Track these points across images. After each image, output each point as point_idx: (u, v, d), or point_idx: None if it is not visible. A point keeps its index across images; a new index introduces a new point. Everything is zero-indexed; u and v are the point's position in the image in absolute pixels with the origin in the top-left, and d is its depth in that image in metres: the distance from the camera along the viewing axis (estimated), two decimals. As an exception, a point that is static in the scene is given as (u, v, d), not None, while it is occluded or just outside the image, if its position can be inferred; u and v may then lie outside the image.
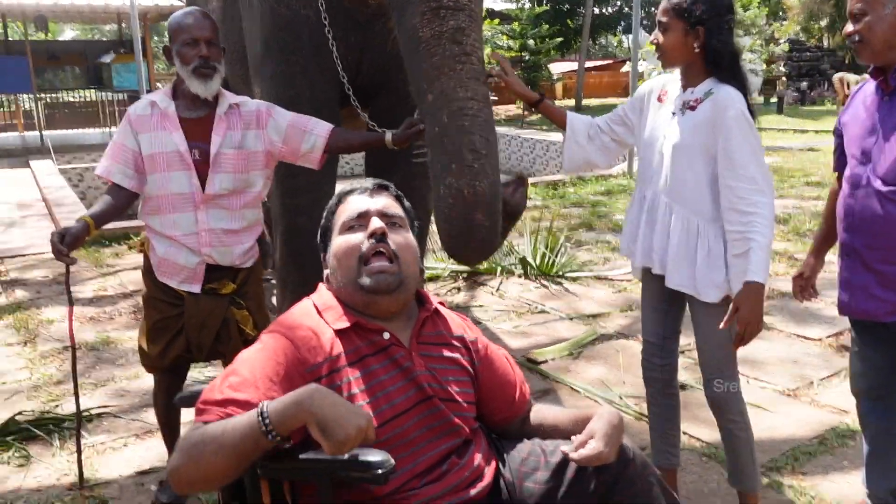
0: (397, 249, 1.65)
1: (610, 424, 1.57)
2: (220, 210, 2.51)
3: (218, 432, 1.35)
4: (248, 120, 2.55)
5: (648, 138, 2.35)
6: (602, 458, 1.52)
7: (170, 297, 2.56)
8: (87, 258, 6.20)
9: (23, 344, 4.27)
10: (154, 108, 2.49)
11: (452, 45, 2.20)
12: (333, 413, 1.32)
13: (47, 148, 13.29)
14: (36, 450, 3.09)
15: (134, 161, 2.47)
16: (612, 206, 7.96)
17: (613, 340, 4.12)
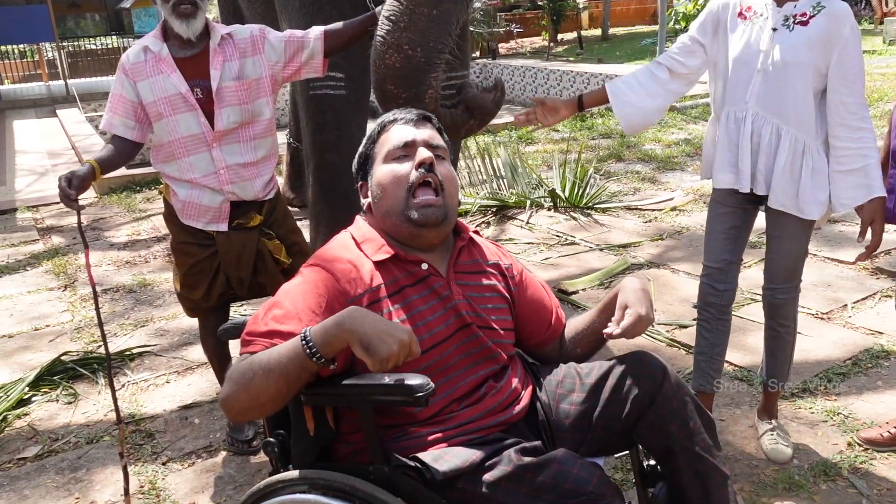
0: (443, 180, 1.65)
1: (636, 290, 1.61)
2: (233, 145, 2.48)
3: (265, 359, 1.38)
4: (243, 48, 2.49)
5: (741, 56, 2.23)
6: (643, 320, 1.56)
7: (199, 239, 2.56)
8: (119, 204, 6.29)
9: (62, 288, 4.38)
10: (147, 53, 2.43)
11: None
12: (375, 330, 1.34)
13: (73, 96, 13.35)
14: (82, 388, 3.19)
15: (134, 111, 2.43)
16: (642, 136, 7.83)
17: (644, 270, 4.11)
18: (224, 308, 2.71)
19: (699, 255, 4.20)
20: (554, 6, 19.41)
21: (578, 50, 19.62)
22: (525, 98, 16.16)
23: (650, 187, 5.85)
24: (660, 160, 6.67)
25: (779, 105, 2.19)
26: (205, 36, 2.46)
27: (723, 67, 2.31)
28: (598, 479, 1.37)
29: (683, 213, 5.10)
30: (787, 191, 2.23)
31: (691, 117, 8.76)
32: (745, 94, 2.24)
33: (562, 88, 14.94)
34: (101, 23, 16.40)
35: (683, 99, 9.81)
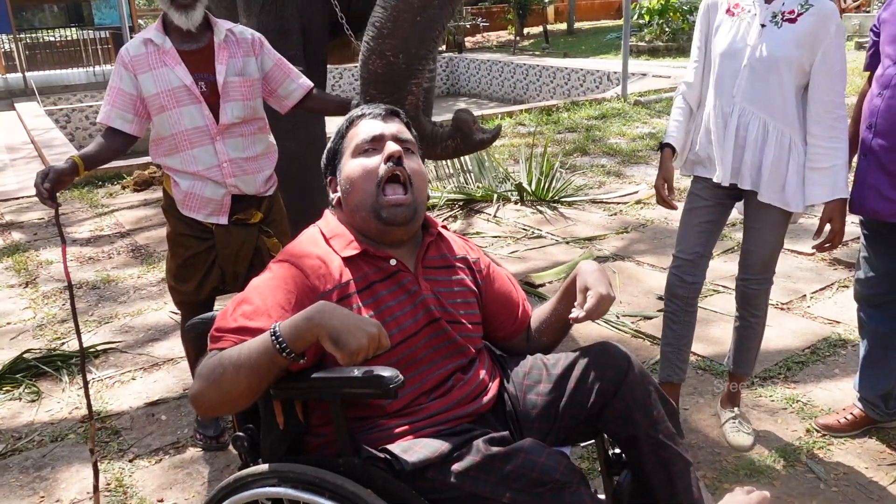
0: (412, 174, 1.66)
1: (594, 271, 1.66)
2: (236, 139, 2.49)
3: (235, 356, 1.39)
4: (245, 47, 2.51)
5: (728, 51, 2.26)
6: (605, 299, 1.60)
7: (197, 232, 2.54)
8: (81, 199, 6.19)
9: (24, 285, 4.30)
10: (149, 45, 2.41)
11: None
12: (344, 324, 1.35)
13: (31, 89, 13.06)
14: (46, 386, 3.15)
15: (133, 105, 2.41)
16: (607, 130, 7.91)
17: (609, 262, 4.16)
18: (210, 303, 2.70)
19: (663, 248, 4.29)
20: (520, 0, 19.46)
21: (544, 44, 19.72)
22: (492, 91, 16.20)
23: (615, 181, 5.91)
24: (624, 154, 6.75)
25: (766, 100, 2.22)
26: (206, 29, 2.46)
27: (710, 62, 2.34)
28: (564, 468, 1.40)
29: (648, 206, 5.17)
30: (774, 185, 2.26)
31: (655, 111, 8.87)
32: (732, 88, 2.26)
33: (528, 82, 15.01)
34: (59, 14, 16.03)
35: (647, 93, 9.93)
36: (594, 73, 13.00)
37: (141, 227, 5.35)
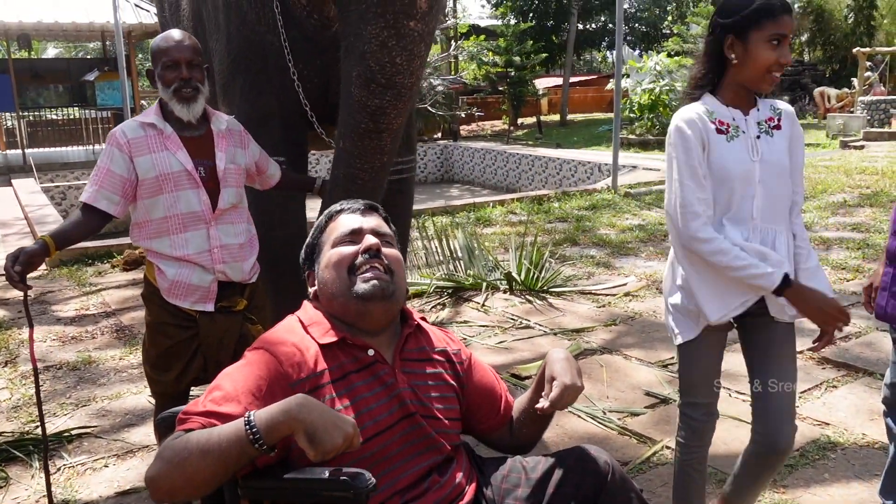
0: (391, 263, 1.68)
1: (561, 360, 1.66)
2: (227, 225, 2.54)
3: (203, 440, 1.35)
4: (237, 138, 2.62)
5: (741, 174, 2.03)
6: (570, 389, 1.59)
7: (180, 321, 2.51)
8: (69, 277, 6.16)
9: (2, 364, 4.23)
10: (147, 129, 2.45)
11: (369, 120, 2.40)
12: (322, 421, 1.33)
13: (30, 166, 13.22)
14: (15, 471, 3.05)
15: (122, 187, 2.41)
16: (597, 220, 8.00)
17: (597, 356, 4.13)
18: (186, 394, 2.64)
19: (651, 342, 4.27)
20: (514, 92, 20.02)
21: (538, 134, 20.19)
22: (485, 179, 16.45)
23: (604, 272, 5.94)
24: (614, 245, 6.80)
25: (776, 212, 2.08)
26: (202, 118, 2.53)
27: (711, 186, 2.06)
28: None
29: (636, 298, 5.17)
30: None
31: (645, 203, 8.99)
32: (752, 210, 2.06)
33: (520, 171, 15.27)
34: (63, 94, 16.35)
35: (637, 185, 10.10)
36: (585, 164, 13.25)
37: (127, 307, 5.31)
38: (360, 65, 2.36)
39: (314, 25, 3.05)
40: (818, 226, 7.40)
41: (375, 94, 2.36)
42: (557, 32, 25.67)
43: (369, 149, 2.45)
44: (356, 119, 2.43)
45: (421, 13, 2.33)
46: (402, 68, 2.36)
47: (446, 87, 18.89)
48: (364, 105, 2.39)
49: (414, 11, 2.31)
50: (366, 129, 2.41)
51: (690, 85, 2.18)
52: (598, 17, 27.48)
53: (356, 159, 2.47)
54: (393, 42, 2.31)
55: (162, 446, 1.39)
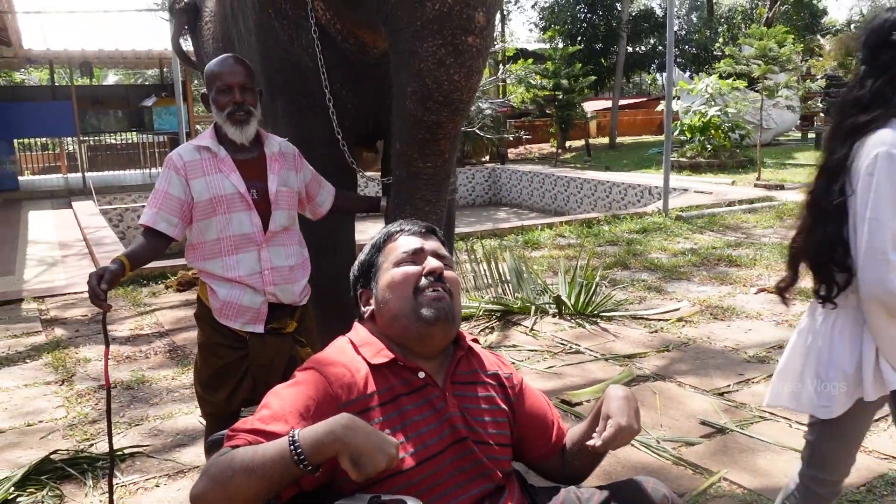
0: (451, 287, 1.66)
1: (619, 398, 1.59)
2: (278, 248, 2.56)
3: (248, 458, 1.34)
4: (289, 161, 2.64)
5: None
6: (625, 430, 1.53)
7: (231, 341, 2.55)
8: (124, 297, 6.29)
9: (60, 383, 4.32)
10: (202, 152, 2.51)
11: (426, 132, 2.39)
12: (366, 443, 1.31)
13: (89, 189, 13.62)
14: (69, 489, 3.10)
15: (180, 209, 2.47)
16: (648, 244, 7.87)
17: (650, 382, 4.03)
18: (237, 416, 2.65)
19: (706, 369, 4.15)
20: (562, 115, 19.94)
21: (586, 157, 20.05)
22: (533, 202, 16.39)
23: (656, 296, 5.83)
24: (665, 269, 6.68)
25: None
26: (256, 141, 2.57)
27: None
28: None
29: (690, 324, 5.05)
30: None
31: (697, 227, 8.83)
32: None
33: (569, 195, 15.17)
34: (122, 119, 16.87)
35: (688, 208, 9.93)
36: (635, 187, 13.10)
37: (180, 327, 5.39)
38: (415, 82, 2.34)
39: (350, 49, 3.06)
40: None
41: (432, 111, 2.34)
42: (606, 55, 25.56)
43: (428, 152, 2.45)
44: (412, 131, 2.40)
45: (479, 28, 2.31)
46: (459, 85, 2.33)
47: (494, 111, 18.92)
48: (420, 120, 2.36)
49: (472, 26, 2.29)
50: (423, 138, 2.39)
51: (857, 107, 1.90)
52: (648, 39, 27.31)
53: (416, 160, 2.47)
54: (451, 59, 2.29)
55: (207, 463, 1.39)
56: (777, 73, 14.30)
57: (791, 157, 17.34)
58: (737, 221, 9.20)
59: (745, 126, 16.25)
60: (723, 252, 7.32)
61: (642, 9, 28.59)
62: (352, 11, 2.87)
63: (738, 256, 7.09)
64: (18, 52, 14.50)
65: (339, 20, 2.98)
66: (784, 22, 26.77)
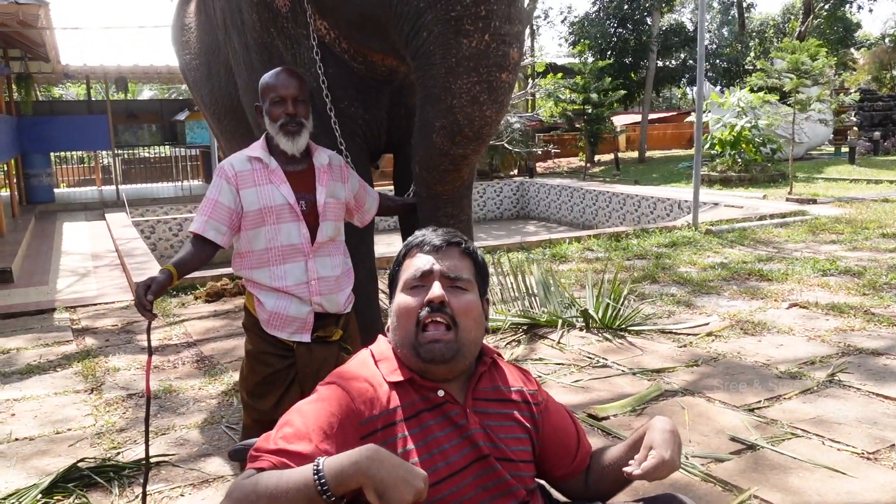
0: (456, 315, 1.58)
1: (665, 431, 1.54)
2: (325, 258, 2.60)
3: (272, 484, 1.33)
4: (337, 173, 2.67)
5: None
6: (667, 465, 1.49)
7: (279, 350, 2.60)
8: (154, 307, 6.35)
9: (89, 391, 4.37)
10: (254, 163, 2.55)
11: (449, 163, 2.44)
12: (392, 477, 1.29)
13: (123, 201, 13.84)
14: (96, 497, 3.12)
15: (229, 217, 2.52)
16: (677, 258, 7.78)
17: (678, 397, 3.97)
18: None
19: (736, 384, 4.08)
20: (591, 129, 19.88)
21: (615, 171, 19.95)
22: (561, 215, 16.33)
23: (685, 311, 5.75)
24: (695, 283, 6.59)
25: None
26: (305, 153, 2.61)
27: None
28: None
29: (720, 338, 4.97)
30: None
31: (727, 241, 8.72)
32: None
33: (597, 208, 15.08)
34: (156, 133, 17.20)
35: (718, 222, 9.81)
36: (665, 201, 12.99)
37: (208, 337, 5.43)
38: (446, 117, 2.34)
39: (358, 67, 3.06)
40: (916, 266, 7.01)
41: (460, 146, 2.36)
42: (636, 69, 25.47)
43: (448, 179, 2.52)
44: (436, 162, 2.44)
45: (513, 64, 2.32)
46: (490, 120, 2.35)
47: (523, 125, 18.93)
48: (446, 153, 2.39)
49: (507, 63, 2.30)
50: (445, 169, 2.43)
51: None
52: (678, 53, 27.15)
53: (435, 186, 2.50)
54: (485, 96, 2.30)
55: (232, 485, 1.38)
56: (809, 87, 14.13)
57: (823, 171, 17.08)
58: (768, 236, 9.07)
59: (776, 140, 16.07)
60: (753, 266, 7.21)
61: (673, 23, 28.45)
62: (368, 40, 2.88)
63: (770, 271, 6.97)
64: (56, 67, 14.82)
65: (344, 40, 2.99)
66: (817, 36, 26.47)
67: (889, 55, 27.44)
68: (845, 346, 4.67)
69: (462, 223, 2.60)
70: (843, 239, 8.57)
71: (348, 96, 3.09)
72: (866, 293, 6.05)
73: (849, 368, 4.26)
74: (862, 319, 5.27)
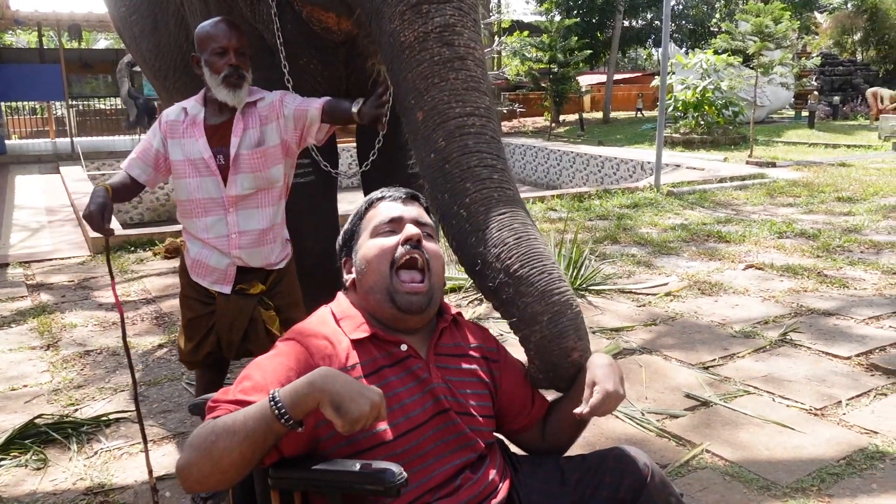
0: (430, 258, 1.64)
1: (603, 366, 1.60)
2: (250, 210, 2.58)
3: (229, 422, 1.34)
4: (264, 115, 2.57)
5: None
6: (612, 396, 1.54)
7: (202, 296, 2.65)
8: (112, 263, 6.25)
9: (45, 348, 4.30)
10: (185, 114, 2.56)
11: (441, 47, 1.91)
12: (347, 389, 1.31)
13: (78, 154, 13.49)
14: (53, 453, 3.09)
15: (155, 159, 2.56)
16: (638, 219, 7.87)
17: (636, 355, 4.05)
18: (218, 367, 2.81)
19: (692, 343, 4.17)
20: (557, 89, 19.83)
21: (579, 131, 19.99)
22: (525, 175, 16.35)
23: (645, 271, 5.84)
24: (655, 244, 6.68)
25: None
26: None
27: None
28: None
29: (677, 298, 5.07)
30: None
31: (688, 203, 8.83)
32: None
33: (561, 168, 15.14)
34: (111, 84, 16.69)
35: (680, 184, 9.93)
36: (628, 163, 13.08)
37: (167, 294, 5.37)
38: (399, 2, 2.02)
39: (315, 27, 2.98)
40: (869, 229, 7.19)
41: (434, 13, 1.89)
42: (602, 29, 25.36)
43: (460, 83, 1.98)
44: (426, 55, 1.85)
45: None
46: None
47: (488, 83, 18.78)
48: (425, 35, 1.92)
49: None
50: (442, 58, 1.95)
51: None
52: (644, 13, 27.05)
53: (452, 105, 1.95)
54: None
55: (191, 435, 1.38)
56: (773, 50, 14.24)
57: (783, 134, 17.33)
58: (727, 198, 9.21)
59: (738, 103, 16.21)
60: (712, 228, 7.33)
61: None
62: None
63: (728, 233, 7.10)
64: (6, 12, 14.26)
65: (297, 1, 2.89)
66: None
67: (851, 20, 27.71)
68: (798, 307, 4.79)
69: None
70: (799, 202, 8.74)
71: (306, 53, 3.02)
72: (820, 255, 6.20)
73: (800, 328, 4.38)
74: (815, 281, 5.41)
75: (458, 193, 1.81)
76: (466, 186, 1.81)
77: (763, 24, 13.49)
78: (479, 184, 1.81)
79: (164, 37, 3.80)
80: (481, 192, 1.80)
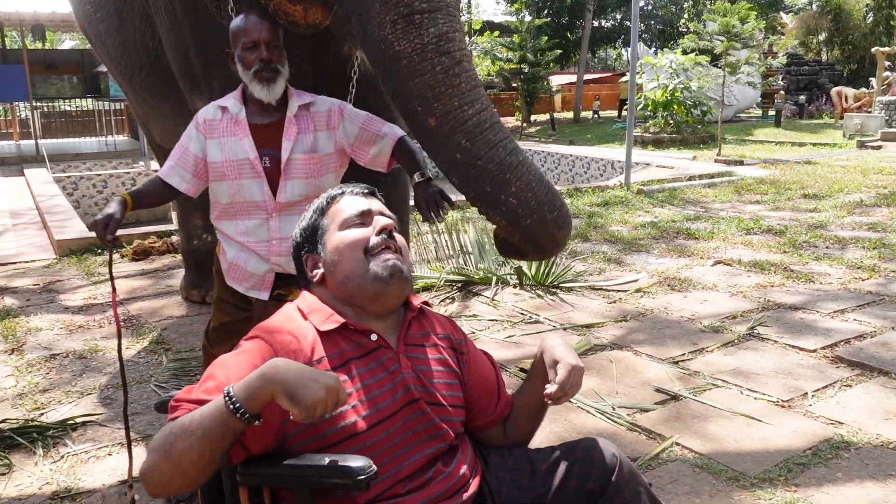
0: (401, 247, 1.66)
1: (560, 345, 1.63)
2: (293, 217, 2.44)
3: (186, 422, 1.32)
4: (319, 121, 2.49)
5: None
6: (576, 369, 1.57)
7: (239, 301, 2.57)
8: (77, 266, 6.16)
9: (9, 352, 4.22)
10: (224, 112, 2.45)
11: (441, 56, 2.04)
12: (299, 377, 1.30)
13: (42, 156, 13.27)
14: (18, 458, 3.03)
15: (195, 165, 2.45)
16: (608, 217, 7.93)
17: (607, 351, 4.08)
18: None
19: (662, 339, 4.21)
20: (528, 88, 19.91)
21: (550, 131, 20.09)
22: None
23: (615, 268, 5.88)
24: (625, 242, 6.74)
25: None
26: (283, 103, 2.46)
27: None
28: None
29: (647, 295, 5.11)
30: None
31: (658, 201, 8.91)
32: None
33: (533, 168, 15.21)
34: (77, 85, 16.46)
35: (650, 182, 10.02)
36: (598, 161, 13.17)
37: (135, 296, 5.30)
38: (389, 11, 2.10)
39: (281, 24, 2.95)
40: (834, 225, 7.32)
41: (427, 23, 2.07)
42: (572, 29, 25.55)
43: (465, 86, 2.16)
44: (428, 66, 2.09)
45: None
46: None
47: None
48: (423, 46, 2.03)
49: None
50: (444, 68, 2.11)
51: None
52: (614, 14, 27.34)
53: (464, 109, 2.14)
54: None
55: (153, 439, 1.36)
56: (739, 50, 14.44)
57: (751, 133, 17.57)
58: (696, 196, 9.31)
59: (706, 102, 16.41)
60: (682, 225, 7.41)
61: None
62: None
63: (697, 230, 7.18)
64: (-33, 13, 14.01)
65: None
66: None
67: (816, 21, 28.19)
68: (765, 302, 4.86)
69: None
70: (766, 199, 8.87)
71: None
72: (786, 251, 6.30)
73: (767, 322, 4.44)
74: (781, 276, 5.49)
75: (502, 184, 2.12)
76: (507, 178, 2.12)
77: (730, 24, 13.67)
78: (516, 171, 2.14)
79: (129, 34, 3.75)
80: (523, 179, 2.15)
